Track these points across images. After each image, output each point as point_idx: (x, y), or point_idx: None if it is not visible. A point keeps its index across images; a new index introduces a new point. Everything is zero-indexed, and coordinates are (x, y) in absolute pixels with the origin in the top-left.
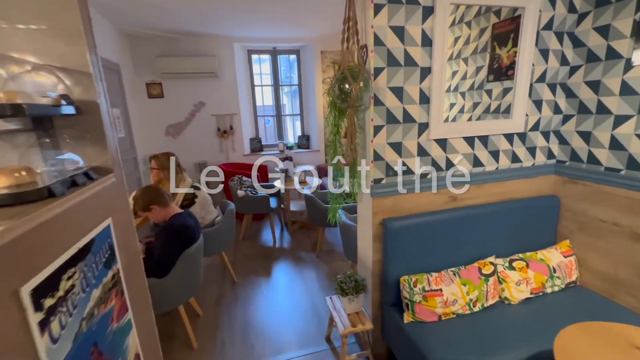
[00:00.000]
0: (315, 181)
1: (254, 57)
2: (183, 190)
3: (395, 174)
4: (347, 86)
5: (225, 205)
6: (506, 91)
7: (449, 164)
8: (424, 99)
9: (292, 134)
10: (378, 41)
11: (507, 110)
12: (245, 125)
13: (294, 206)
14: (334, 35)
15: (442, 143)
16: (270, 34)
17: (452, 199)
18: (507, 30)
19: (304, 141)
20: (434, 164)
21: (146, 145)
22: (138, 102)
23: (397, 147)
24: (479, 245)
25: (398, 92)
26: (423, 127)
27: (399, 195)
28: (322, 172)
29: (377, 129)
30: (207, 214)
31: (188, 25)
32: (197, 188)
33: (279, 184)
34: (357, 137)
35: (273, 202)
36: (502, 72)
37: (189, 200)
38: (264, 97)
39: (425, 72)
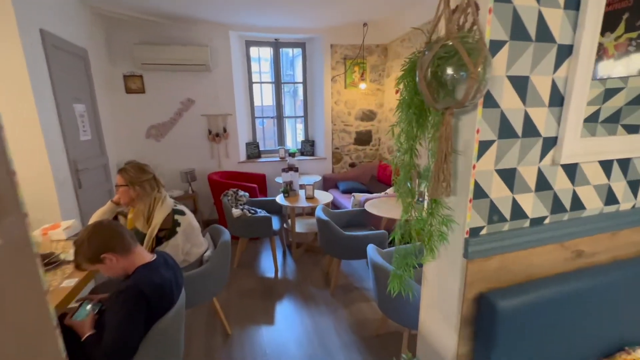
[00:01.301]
0: (325, 197)
1: (253, 49)
2: (160, 217)
3: (502, 219)
4: (450, 72)
5: (217, 233)
6: (611, 93)
7: (576, 202)
8: (556, 99)
9: (291, 138)
10: None
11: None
12: (242, 128)
13: (300, 226)
14: (346, 27)
15: (572, 170)
16: (273, 22)
17: (576, 254)
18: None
19: (308, 147)
20: (556, 202)
21: (122, 150)
22: (113, 97)
23: (509, 177)
24: (618, 327)
25: (521, 85)
26: (549, 144)
27: (505, 253)
28: (328, 184)
29: (484, 147)
30: (193, 247)
31: (176, 8)
32: (181, 212)
33: (281, 200)
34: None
35: (275, 223)
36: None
37: (168, 229)
38: (263, 96)
39: (563, 52)
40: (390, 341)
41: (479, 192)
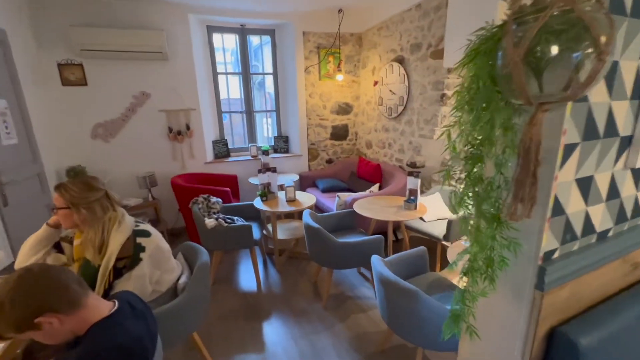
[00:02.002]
0: (307, 199)
1: (216, 36)
2: (117, 242)
3: (574, 237)
4: (564, 51)
5: (191, 253)
6: None
7: (637, 209)
8: (638, 90)
9: (261, 135)
10: None
11: None
12: (207, 124)
13: (281, 232)
14: (319, 13)
15: (638, 174)
16: (237, 4)
17: (633, 267)
18: None
19: (282, 144)
20: (620, 210)
21: (62, 154)
22: (45, 90)
23: (585, 187)
24: None
25: (609, 71)
26: (624, 145)
27: (577, 278)
28: (306, 183)
29: (568, 152)
30: (164, 273)
31: None
32: (144, 233)
33: (259, 205)
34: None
35: (256, 231)
36: None
37: (130, 256)
38: (230, 88)
39: None
40: (399, 357)
41: (557, 209)
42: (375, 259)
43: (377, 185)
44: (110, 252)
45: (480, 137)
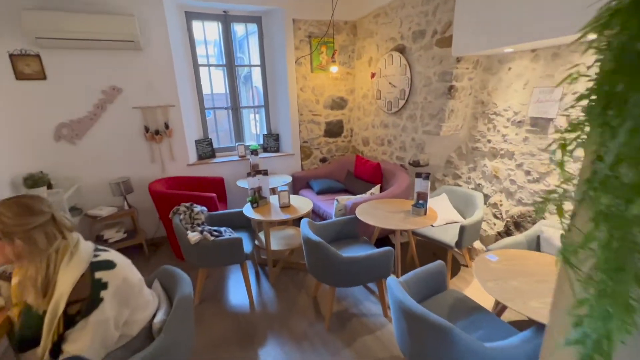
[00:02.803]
0: (304, 204)
1: (196, 24)
2: (68, 282)
3: None
4: None
5: (170, 279)
6: None
7: None
8: None
9: (248, 132)
10: None
11: None
12: (189, 122)
13: (276, 242)
14: None
15: None
16: None
17: None
18: None
19: (272, 142)
20: None
21: (18, 159)
22: None
23: None
24: None
25: None
26: None
27: None
28: (299, 184)
29: None
30: (135, 312)
31: None
32: (106, 265)
33: (249, 213)
34: None
35: (247, 244)
36: None
37: (86, 299)
38: (213, 82)
39: None
40: None
41: None
42: (392, 282)
43: (377, 186)
44: (58, 295)
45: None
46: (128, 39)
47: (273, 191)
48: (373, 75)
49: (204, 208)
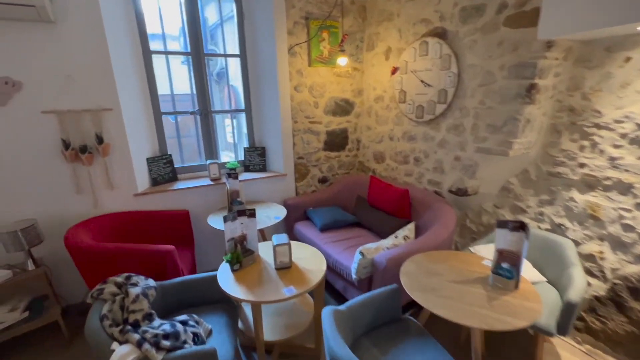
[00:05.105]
0: (316, 263)
1: None
2: None
3: None
4: None
5: None
6: None
7: None
8: None
9: (224, 145)
10: None
11: None
12: (136, 134)
13: (271, 325)
14: None
15: None
16: None
17: None
18: None
19: (257, 158)
20: None
21: None
22: None
23: None
24: None
25: None
26: None
27: None
28: (293, 215)
29: None
30: None
31: None
32: None
33: (226, 285)
34: None
35: (223, 343)
36: None
37: None
38: (174, 77)
39: None
40: None
41: None
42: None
43: (412, 225)
44: None
45: None
46: (27, 3)
47: (261, 233)
48: (395, 70)
49: (149, 281)
